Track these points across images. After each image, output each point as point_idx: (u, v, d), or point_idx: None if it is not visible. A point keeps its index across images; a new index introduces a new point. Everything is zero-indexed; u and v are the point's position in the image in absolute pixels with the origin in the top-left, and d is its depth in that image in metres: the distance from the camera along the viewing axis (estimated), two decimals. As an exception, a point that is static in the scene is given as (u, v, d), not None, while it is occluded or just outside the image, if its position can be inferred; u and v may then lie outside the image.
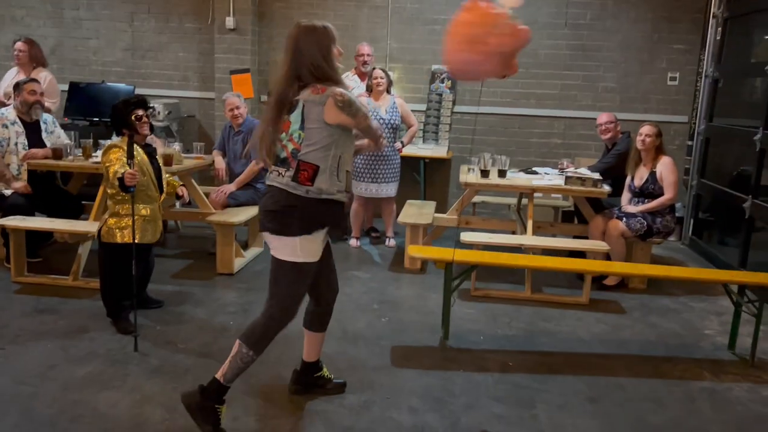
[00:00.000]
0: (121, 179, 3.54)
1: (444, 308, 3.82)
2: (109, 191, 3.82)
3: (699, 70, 6.61)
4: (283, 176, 2.65)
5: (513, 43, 3.04)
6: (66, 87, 7.01)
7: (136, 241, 3.63)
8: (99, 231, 3.83)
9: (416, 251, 4.00)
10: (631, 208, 5.06)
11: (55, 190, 5.17)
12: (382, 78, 5.56)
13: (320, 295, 2.94)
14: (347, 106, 2.61)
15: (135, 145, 3.69)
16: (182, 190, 4.21)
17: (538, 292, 4.76)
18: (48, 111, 5.33)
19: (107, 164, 3.68)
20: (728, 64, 6.21)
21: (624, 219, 4.98)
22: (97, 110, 6.70)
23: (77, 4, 7.39)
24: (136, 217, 3.68)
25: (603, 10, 6.74)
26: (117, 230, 3.74)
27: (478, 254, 4.09)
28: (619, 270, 4.37)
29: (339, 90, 2.62)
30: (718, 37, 6.28)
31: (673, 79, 6.78)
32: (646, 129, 5.02)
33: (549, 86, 6.90)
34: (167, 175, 4.11)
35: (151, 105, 4.00)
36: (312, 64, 2.64)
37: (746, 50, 6.15)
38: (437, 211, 5.70)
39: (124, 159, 3.60)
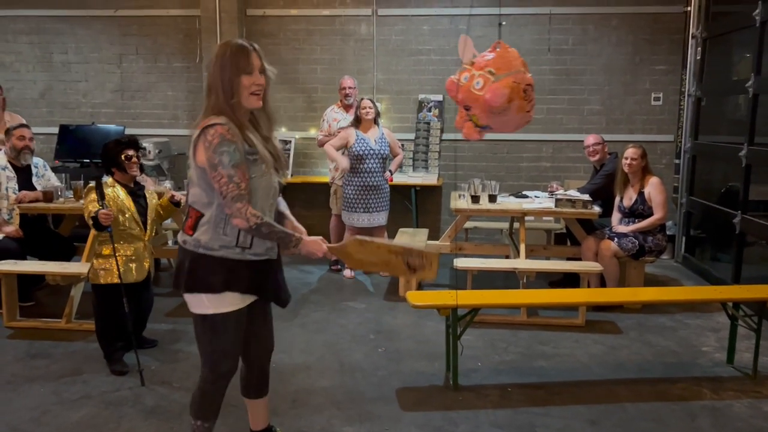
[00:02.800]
0: (95, 218, 3.56)
1: (452, 357, 3.59)
2: (93, 233, 3.83)
3: (682, 89, 6.72)
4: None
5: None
6: (56, 130, 7.05)
7: (118, 281, 3.63)
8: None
9: (415, 299, 3.67)
10: (623, 228, 5.09)
11: (46, 233, 5.16)
12: (370, 108, 5.61)
13: (249, 356, 2.55)
14: (214, 152, 2.16)
15: (116, 185, 3.73)
16: (178, 196, 4.12)
17: (534, 315, 4.76)
18: (34, 153, 5.33)
19: (86, 205, 3.71)
20: (710, 82, 6.31)
21: (616, 239, 5.00)
22: (88, 152, 6.72)
23: (66, 48, 7.46)
24: (118, 257, 3.68)
25: (584, 35, 6.86)
26: (101, 270, 3.73)
27: (479, 296, 3.89)
28: (617, 298, 4.37)
29: (220, 128, 2.17)
30: (699, 57, 6.40)
31: (657, 99, 6.88)
32: (630, 152, 5.07)
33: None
34: (155, 201, 4.06)
35: (142, 145, 4.02)
36: (209, 88, 2.26)
37: (727, 69, 6.26)
38: (430, 238, 5.71)
39: (96, 199, 3.64)
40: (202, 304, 2.32)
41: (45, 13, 7.38)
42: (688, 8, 6.54)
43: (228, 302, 2.32)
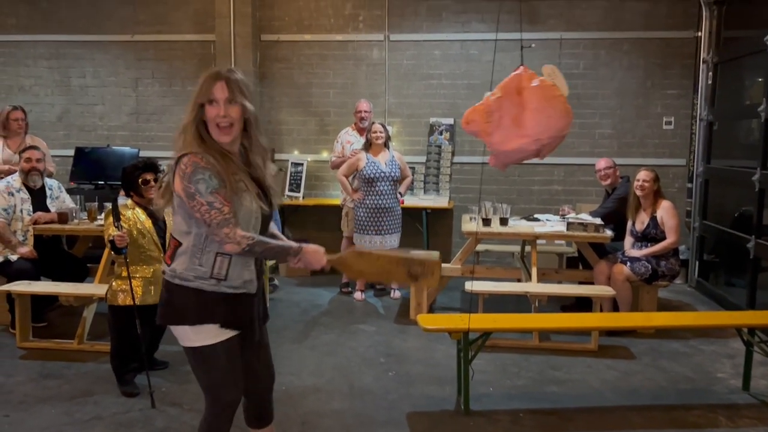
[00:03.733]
0: (112, 242, 3.60)
1: (463, 381, 3.56)
2: (107, 254, 3.87)
3: (693, 113, 6.71)
4: None
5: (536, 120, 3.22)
6: (72, 152, 7.15)
7: (136, 302, 3.65)
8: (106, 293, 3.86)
9: (426, 322, 3.63)
10: (635, 253, 5.06)
11: (60, 254, 5.20)
12: (381, 132, 5.66)
13: (246, 389, 2.41)
14: (189, 181, 2.10)
15: (135, 207, 3.79)
16: None
17: (546, 339, 4.72)
18: (51, 175, 5.41)
19: (105, 228, 3.76)
20: (722, 107, 6.31)
21: (628, 263, 4.97)
22: (103, 174, 6.81)
23: (84, 73, 7.60)
24: (137, 279, 3.71)
25: (595, 60, 6.90)
26: (119, 292, 3.76)
27: (490, 319, 3.90)
28: (630, 323, 4.33)
29: (194, 157, 2.12)
30: (710, 82, 6.41)
31: (668, 123, 6.88)
32: (642, 175, 5.06)
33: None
34: (168, 222, 4.10)
35: (162, 169, 4.06)
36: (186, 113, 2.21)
37: (738, 93, 6.26)
38: (441, 260, 5.69)
39: (112, 222, 3.69)
40: (187, 336, 2.24)
41: (64, 39, 7.54)
42: (699, 33, 6.57)
43: (211, 334, 2.22)
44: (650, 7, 6.77)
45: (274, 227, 2.50)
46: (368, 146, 5.70)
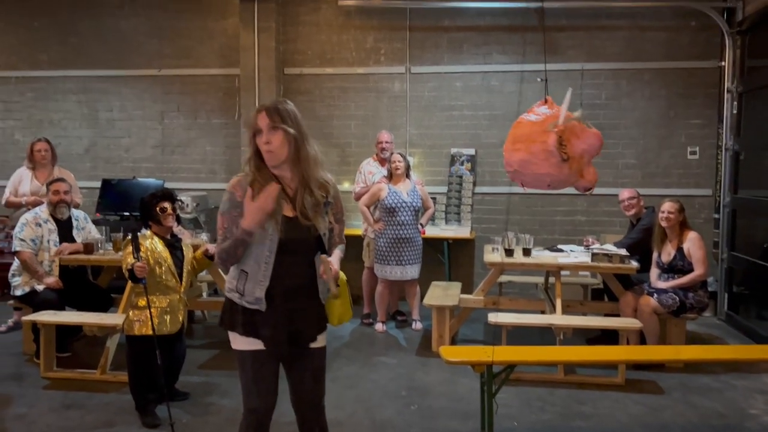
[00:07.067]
0: (131, 271, 3.62)
1: (487, 415, 3.48)
2: (130, 284, 3.89)
3: (719, 143, 6.64)
4: None
5: (580, 143, 3.27)
6: (99, 184, 7.27)
7: (152, 332, 3.66)
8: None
9: (449, 354, 3.56)
10: (662, 284, 4.96)
11: (85, 284, 5.25)
12: (400, 162, 5.68)
13: (293, 404, 2.62)
14: (224, 199, 2.42)
15: (153, 237, 3.82)
16: (212, 249, 4.12)
17: (572, 373, 4.62)
18: (77, 206, 5.50)
19: (123, 258, 3.79)
20: (748, 136, 6.23)
21: (655, 295, 4.88)
22: (128, 205, 6.90)
23: (111, 106, 7.77)
24: (153, 308, 3.72)
25: (617, 90, 6.89)
26: (136, 322, 3.78)
27: (515, 352, 3.82)
28: (658, 356, 4.23)
29: (235, 181, 2.44)
30: (735, 111, 6.34)
31: (693, 153, 6.81)
32: (667, 206, 4.99)
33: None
34: (191, 253, 4.11)
35: (178, 198, 4.11)
36: None
37: (764, 123, 6.18)
38: (463, 291, 5.65)
39: (131, 251, 3.71)
40: (231, 338, 2.52)
41: (92, 74, 7.73)
42: (723, 63, 6.53)
43: (241, 342, 2.47)
44: (671, 37, 6.76)
45: (338, 249, 2.61)
46: (390, 176, 5.72)
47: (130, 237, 3.79)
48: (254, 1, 7.01)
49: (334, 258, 2.52)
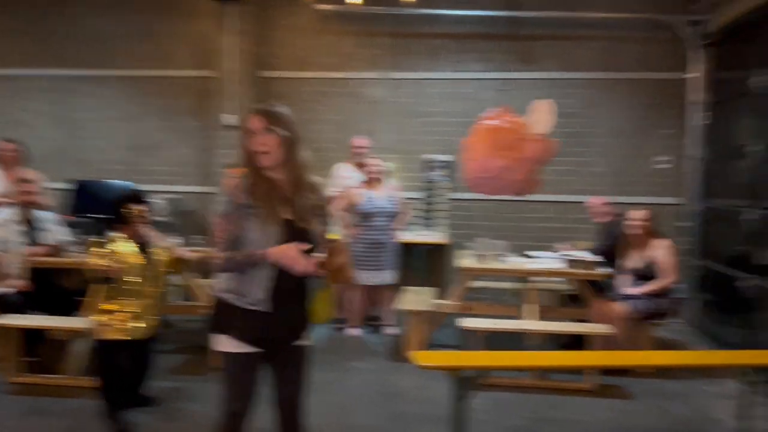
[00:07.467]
0: (99, 272, 3.56)
1: (459, 421, 3.41)
2: (95, 287, 3.83)
3: (687, 153, 6.77)
4: None
5: (543, 151, 3.32)
6: (69, 186, 7.15)
7: (123, 337, 3.60)
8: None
9: (422, 359, 3.56)
10: (632, 290, 5.04)
11: (53, 287, 5.14)
12: (377, 167, 5.69)
13: (274, 399, 2.65)
14: (223, 202, 2.49)
15: (124, 240, 3.75)
16: (183, 252, 4.11)
17: (543, 378, 4.66)
18: (46, 208, 5.39)
19: (90, 259, 3.72)
20: (716, 146, 6.37)
21: (626, 301, 4.95)
22: (99, 207, 6.76)
23: (83, 107, 7.64)
24: (124, 312, 3.66)
25: (590, 99, 6.99)
26: (106, 326, 3.71)
27: (487, 357, 3.83)
28: (628, 361, 4.29)
29: (234, 183, 2.52)
30: (704, 122, 6.48)
31: (663, 162, 6.93)
32: (637, 214, 5.08)
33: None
34: (162, 256, 4.04)
35: (148, 200, 4.05)
36: None
37: (732, 133, 6.31)
38: (437, 297, 5.67)
39: (104, 252, 3.65)
40: (217, 341, 2.50)
41: (64, 73, 7.60)
42: (693, 74, 6.67)
43: (232, 344, 2.46)
44: (644, 49, 6.88)
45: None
46: (366, 181, 5.72)
47: (99, 239, 3.73)
48: (230, 4, 6.97)
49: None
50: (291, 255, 2.34)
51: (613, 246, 5.38)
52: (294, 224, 2.45)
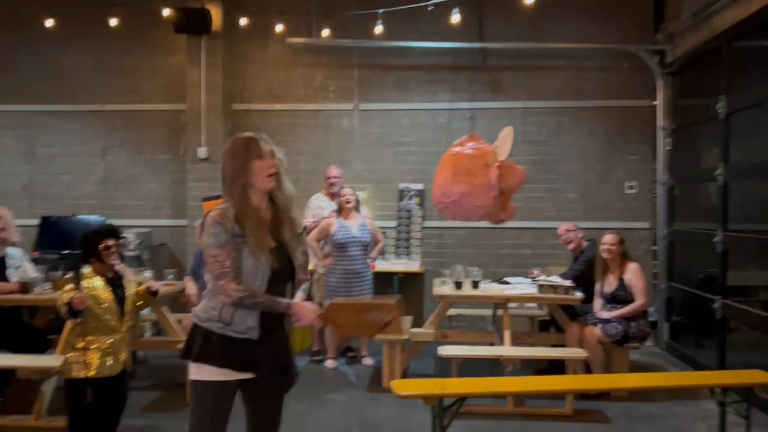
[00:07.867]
0: (69, 305, 3.47)
1: None
2: (69, 324, 3.73)
3: (654, 178, 6.93)
4: None
5: (508, 178, 3.37)
6: (37, 221, 7.01)
7: (92, 374, 3.50)
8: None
9: (401, 388, 3.53)
10: (605, 314, 5.09)
11: (20, 326, 5.02)
12: (351, 196, 5.71)
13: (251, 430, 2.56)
14: (207, 234, 2.38)
15: (94, 275, 3.66)
16: (155, 286, 4.02)
17: (521, 404, 4.65)
18: (13, 244, 5.27)
19: (60, 295, 3.63)
20: (681, 171, 6.54)
21: (599, 325, 4.99)
22: (68, 243, 6.65)
23: (51, 142, 7.56)
24: (93, 350, 3.57)
25: (558, 127, 7.13)
26: (75, 364, 3.60)
27: (465, 384, 3.80)
28: (603, 384, 4.31)
29: (215, 213, 2.42)
30: (668, 147, 6.66)
31: (631, 187, 7.07)
32: (608, 238, 5.16)
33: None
34: (134, 291, 3.95)
35: (123, 235, 3.99)
36: (222, 179, 2.52)
37: (696, 158, 6.50)
38: (414, 325, 5.65)
39: (73, 287, 3.57)
40: (191, 369, 2.45)
41: (31, 108, 7.53)
42: (656, 102, 6.86)
43: (208, 372, 2.40)
44: (608, 77, 7.07)
45: (302, 287, 2.63)
46: (339, 211, 5.73)
47: (68, 274, 3.65)
48: (201, 38, 7.00)
49: (299, 299, 2.59)
50: (311, 316, 2.42)
51: (585, 270, 5.44)
52: (281, 251, 2.46)
